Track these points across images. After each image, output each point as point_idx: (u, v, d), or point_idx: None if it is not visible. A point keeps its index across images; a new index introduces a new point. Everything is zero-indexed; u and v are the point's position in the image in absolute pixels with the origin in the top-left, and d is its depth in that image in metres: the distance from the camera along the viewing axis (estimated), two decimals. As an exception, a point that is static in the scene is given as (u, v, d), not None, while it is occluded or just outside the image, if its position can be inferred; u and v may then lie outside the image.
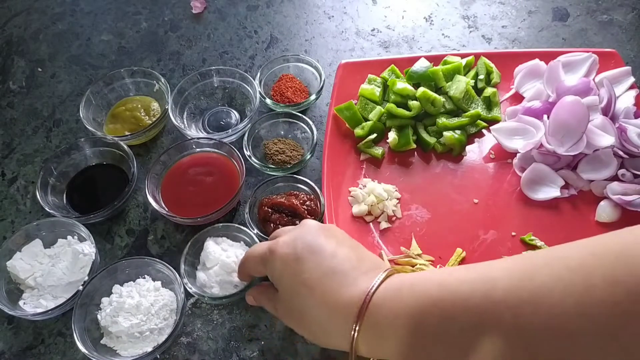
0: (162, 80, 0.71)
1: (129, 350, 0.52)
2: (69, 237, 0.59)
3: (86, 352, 0.50)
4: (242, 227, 0.58)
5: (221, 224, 0.58)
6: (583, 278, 0.28)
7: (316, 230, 0.44)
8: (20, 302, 0.55)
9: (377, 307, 0.36)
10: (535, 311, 0.29)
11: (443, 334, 0.33)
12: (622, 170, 0.60)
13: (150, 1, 0.88)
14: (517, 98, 0.71)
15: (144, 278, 0.56)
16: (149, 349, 0.51)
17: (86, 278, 0.54)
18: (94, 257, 0.56)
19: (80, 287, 0.53)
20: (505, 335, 0.30)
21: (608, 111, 0.62)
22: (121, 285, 0.55)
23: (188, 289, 0.54)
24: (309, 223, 0.46)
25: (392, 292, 0.37)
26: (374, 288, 0.37)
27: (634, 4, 0.82)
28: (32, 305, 0.55)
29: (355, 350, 0.37)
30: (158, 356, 0.53)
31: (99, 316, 0.53)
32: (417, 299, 0.35)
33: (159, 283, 0.56)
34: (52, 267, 0.56)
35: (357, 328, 0.36)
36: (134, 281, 0.56)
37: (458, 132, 0.66)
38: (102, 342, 0.52)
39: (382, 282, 0.38)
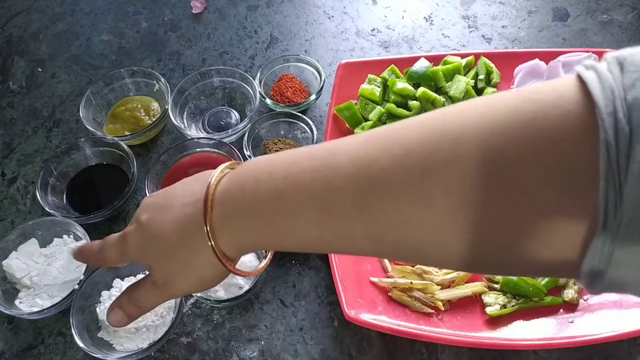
0: (162, 80, 0.71)
1: (124, 345, 0.52)
2: (65, 237, 0.59)
3: (83, 345, 0.50)
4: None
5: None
6: (421, 163, 0.28)
7: (146, 202, 0.41)
8: (16, 302, 0.55)
9: (221, 204, 0.35)
10: (374, 196, 0.29)
11: (292, 227, 0.33)
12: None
13: (151, 1, 0.88)
14: (517, 98, 0.71)
15: (145, 274, 0.56)
16: (144, 346, 0.51)
17: (82, 277, 0.54)
18: None
19: (76, 286, 0.54)
20: (347, 217, 0.30)
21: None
22: (122, 279, 0.56)
23: (193, 294, 0.54)
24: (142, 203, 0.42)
25: (236, 188, 0.35)
26: (212, 185, 0.35)
27: (634, 4, 0.82)
28: (28, 305, 0.55)
29: (222, 255, 0.35)
30: (152, 353, 0.53)
31: (97, 309, 0.54)
32: (262, 195, 0.33)
33: (159, 281, 0.56)
34: (48, 266, 0.56)
35: (208, 230, 0.34)
36: (134, 276, 0.56)
37: (458, 132, 0.65)
38: (99, 335, 0.53)
39: (220, 179, 0.36)
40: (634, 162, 0.22)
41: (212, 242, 0.34)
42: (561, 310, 0.54)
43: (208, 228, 0.34)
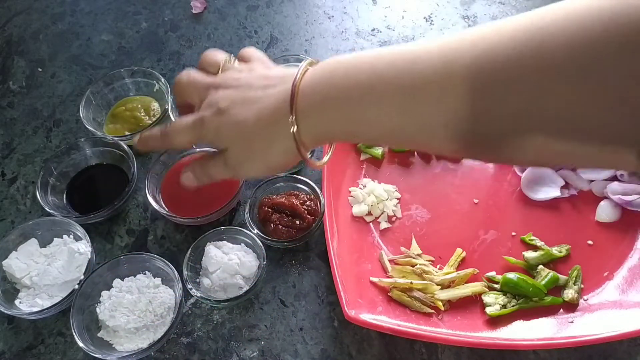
0: (162, 80, 0.71)
1: (124, 345, 0.52)
2: (65, 237, 0.59)
3: (83, 345, 0.50)
4: (241, 229, 0.58)
5: (221, 227, 0.58)
6: (507, 54, 0.29)
7: (221, 93, 0.42)
8: (16, 302, 0.55)
9: (307, 95, 0.37)
10: (456, 88, 0.31)
11: (376, 116, 0.35)
12: (622, 170, 0.60)
13: (151, 1, 0.88)
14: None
15: (145, 274, 0.56)
16: (144, 346, 0.51)
17: (82, 277, 0.54)
18: (89, 256, 0.56)
19: (76, 286, 0.54)
20: (433, 106, 0.32)
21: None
22: (122, 279, 0.56)
23: (193, 294, 0.54)
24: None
25: (324, 80, 0.36)
26: (299, 77, 0.37)
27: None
28: (28, 305, 0.55)
29: (302, 144, 0.38)
30: (153, 353, 0.53)
31: (97, 309, 0.54)
32: (351, 85, 0.35)
33: (159, 280, 0.56)
34: (48, 266, 0.56)
35: (294, 119, 0.37)
36: (134, 276, 0.56)
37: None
38: (99, 335, 0.53)
39: (305, 72, 0.38)
40: None
41: (295, 129, 0.37)
42: (561, 310, 0.54)
43: (294, 116, 0.37)
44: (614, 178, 0.61)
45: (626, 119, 0.27)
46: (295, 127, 0.37)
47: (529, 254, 0.57)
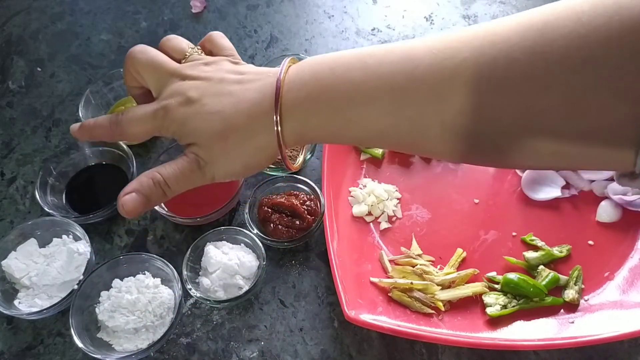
0: (162, 79, 0.71)
1: (124, 346, 0.52)
2: (64, 237, 0.59)
3: (82, 346, 0.50)
4: (241, 229, 0.58)
5: (220, 228, 0.58)
6: (505, 52, 0.29)
7: (187, 84, 0.38)
8: (16, 302, 0.55)
9: (292, 91, 0.35)
10: (453, 87, 0.31)
11: (365, 115, 0.34)
12: (618, 170, 0.60)
13: (150, 0, 0.87)
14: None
15: (144, 274, 0.56)
16: (144, 346, 0.51)
17: (81, 277, 0.54)
18: (88, 257, 0.56)
19: (76, 286, 0.53)
20: (423, 105, 0.32)
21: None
22: (121, 280, 0.56)
23: (192, 294, 0.54)
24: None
25: (309, 76, 0.35)
26: (283, 73, 0.35)
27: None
28: (27, 305, 0.55)
29: (283, 142, 0.36)
30: (152, 354, 0.53)
31: (97, 310, 0.54)
32: (338, 83, 0.34)
33: (158, 280, 0.56)
34: (47, 266, 0.56)
35: (278, 116, 0.35)
36: (134, 276, 0.56)
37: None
38: (98, 335, 0.53)
39: (289, 66, 0.36)
40: None
41: (278, 127, 0.35)
42: (562, 310, 0.54)
43: (278, 114, 0.35)
44: (615, 178, 0.61)
45: (624, 118, 0.27)
46: (279, 124, 0.35)
47: (530, 254, 0.57)
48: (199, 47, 0.42)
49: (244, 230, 0.57)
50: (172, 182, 0.37)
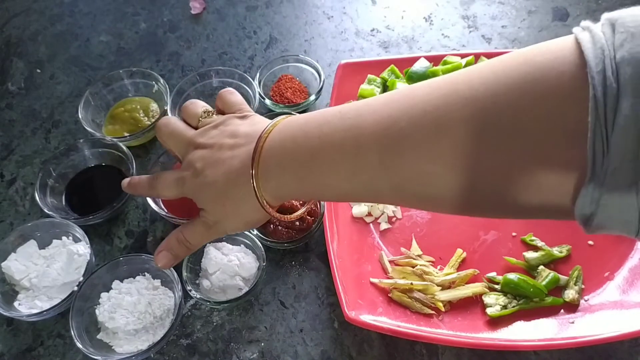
0: (161, 81, 0.71)
1: (124, 347, 0.52)
2: (64, 238, 0.58)
3: (82, 347, 0.50)
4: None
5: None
6: (436, 123, 0.31)
7: (197, 154, 0.44)
8: (15, 303, 0.55)
9: (265, 161, 0.39)
10: (397, 153, 0.33)
11: (325, 183, 0.37)
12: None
13: (149, 2, 0.87)
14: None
15: (144, 275, 0.56)
16: (144, 347, 0.51)
17: (81, 279, 0.54)
18: (88, 258, 0.56)
19: (75, 288, 0.53)
20: (374, 173, 0.35)
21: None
22: (121, 281, 0.55)
23: (192, 295, 0.54)
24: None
25: (278, 147, 0.39)
26: (260, 143, 0.39)
27: (635, 4, 0.82)
28: (27, 306, 0.55)
29: (264, 200, 0.40)
30: (152, 355, 0.53)
31: (97, 311, 0.54)
32: (299, 154, 0.38)
33: (158, 281, 0.56)
34: (47, 268, 0.56)
35: (254, 184, 0.39)
36: (134, 278, 0.56)
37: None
38: (98, 337, 0.53)
39: (269, 131, 0.40)
40: (620, 116, 0.24)
41: (258, 194, 0.39)
42: (562, 310, 0.54)
43: (254, 182, 0.39)
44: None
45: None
46: (259, 189, 0.39)
47: (530, 255, 0.57)
48: (212, 109, 0.48)
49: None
50: (192, 240, 0.46)
